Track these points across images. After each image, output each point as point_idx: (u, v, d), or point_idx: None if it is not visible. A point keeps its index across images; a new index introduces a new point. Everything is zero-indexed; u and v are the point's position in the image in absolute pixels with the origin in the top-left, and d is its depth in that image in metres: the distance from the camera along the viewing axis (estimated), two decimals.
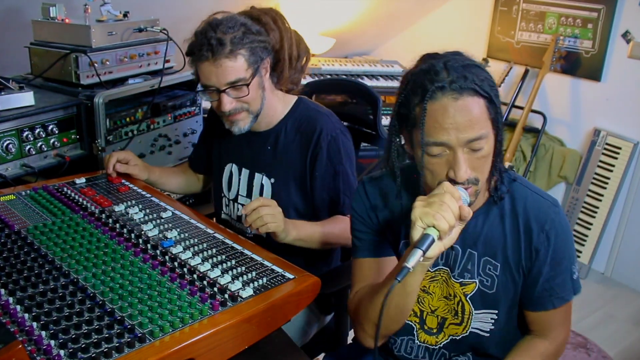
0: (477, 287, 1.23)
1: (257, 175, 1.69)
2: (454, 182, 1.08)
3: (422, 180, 1.14)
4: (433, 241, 1.01)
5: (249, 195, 1.72)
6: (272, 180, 1.67)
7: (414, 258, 0.99)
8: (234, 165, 1.75)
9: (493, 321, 1.25)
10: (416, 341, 1.32)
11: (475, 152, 1.08)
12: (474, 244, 1.22)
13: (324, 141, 1.59)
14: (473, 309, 1.24)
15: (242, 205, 1.73)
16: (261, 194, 1.68)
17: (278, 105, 1.65)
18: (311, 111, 1.65)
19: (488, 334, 1.27)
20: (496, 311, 1.24)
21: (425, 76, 1.08)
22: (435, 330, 1.30)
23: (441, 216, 1.00)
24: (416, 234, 1.02)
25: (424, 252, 1.00)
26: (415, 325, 1.31)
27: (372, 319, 1.19)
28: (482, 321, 1.25)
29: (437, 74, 1.06)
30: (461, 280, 1.23)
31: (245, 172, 1.72)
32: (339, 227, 1.57)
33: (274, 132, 1.66)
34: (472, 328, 1.26)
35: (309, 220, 1.59)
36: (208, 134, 1.87)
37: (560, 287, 1.22)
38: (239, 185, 1.74)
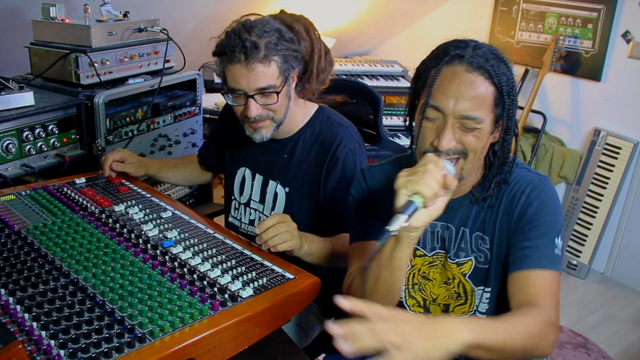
0: (473, 264, 1.25)
1: (272, 183, 1.66)
2: (437, 152, 1.11)
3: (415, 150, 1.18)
4: (417, 208, 1.02)
5: (262, 201, 1.69)
6: (287, 189, 1.64)
7: (397, 222, 1.01)
8: (247, 170, 1.72)
9: (487, 300, 1.26)
10: None
11: (466, 131, 1.11)
12: (465, 222, 1.24)
13: (341, 153, 1.55)
14: (474, 286, 1.26)
15: (255, 210, 1.72)
16: (275, 202, 1.66)
17: (298, 114, 1.62)
18: (332, 122, 1.62)
19: (484, 315, 1.27)
20: (489, 288, 1.25)
21: (453, 44, 1.14)
22: None
23: (425, 182, 1.01)
24: (400, 201, 1.03)
25: (409, 217, 1.01)
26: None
27: (362, 297, 1.20)
28: (482, 302, 1.27)
29: (465, 47, 1.13)
30: (457, 260, 1.26)
31: (259, 178, 1.70)
32: (346, 246, 1.48)
33: (292, 141, 1.63)
34: (476, 308, 1.28)
35: (319, 232, 1.55)
36: (221, 133, 1.83)
37: (538, 251, 1.15)
38: (251, 191, 1.72)
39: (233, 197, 1.77)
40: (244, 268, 1.29)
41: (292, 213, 1.43)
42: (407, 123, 1.25)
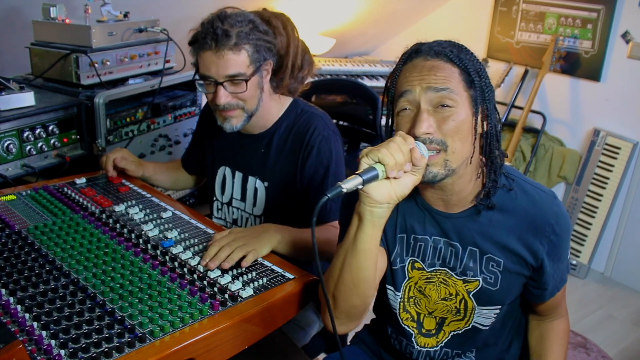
0: (480, 284, 1.22)
1: (251, 179, 1.67)
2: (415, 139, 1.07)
3: None
4: (377, 176, 1.00)
5: (243, 199, 1.70)
6: (266, 183, 1.64)
7: (351, 182, 0.98)
8: (227, 168, 1.73)
9: (495, 315, 1.25)
10: (416, 347, 1.31)
11: (441, 112, 1.06)
12: (474, 242, 1.20)
13: (315, 141, 1.56)
14: (476, 305, 1.24)
15: (237, 208, 1.72)
16: (255, 197, 1.66)
17: (273, 108, 1.63)
18: (305, 113, 1.63)
19: (487, 327, 1.27)
20: (500, 306, 1.24)
21: (413, 45, 1.13)
22: (434, 331, 1.29)
23: (387, 151, 0.99)
24: (361, 167, 1.01)
25: (364, 181, 0.99)
26: (413, 331, 1.30)
27: (330, 291, 1.16)
28: (485, 317, 1.25)
29: (423, 43, 1.12)
30: (464, 277, 1.22)
31: (238, 175, 1.70)
32: (323, 237, 1.45)
33: (267, 135, 1.64)
34: (474, 323, 1.26)
35: (300, 224, 1.53)
36: (201, 134, 1.85)
37: (562, 271, 1.26)
38: (232, 189, 1.72)
39: (215, 198, 1.77)
40: (243, 268, 1.29)
41: (272, 207, 1.42)
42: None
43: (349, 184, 0.98)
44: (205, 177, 1.99)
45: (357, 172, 1.00)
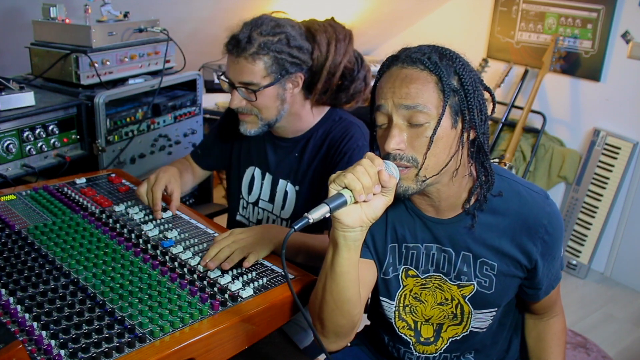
0: (475, 288, 1.21)
1: (282, 182, 1.65)
2: (388, 156, 1.05)
3: None
4: (345, 202, 0.98)
5: (271, 200, 1.68)
6: (297, 187, 1.62)
7: (318, 211, 0.96)
8: (256, 169, 1.71)
9: (492, 318, 1.25)
10: (415, 352, 1.31)
11: (414, 128, 1.04)
12: (467, 246, 1.19)
13: (349, 149, 1.54)
14: (472, 309, 1.23)
15: (263, 209, 1.70)
16: (284, 201, 1.65)
17: (309, 114, 1.60)
18: (343, 121, 1.61)
19: (484, 329, 1.27)
20: (496, 309, 1.24)
21: (399, 51, 1.11)
22: (432, 339, 1.28)
23: (353, 176, 0.98)
24: (329, 194, 1.00)
25: (331, 209, 0.97)
26: (410, 339, 1.29)
27: (316, 312, 1.16)
28: (482, 320, 1.25)
29: (404, 51, 1.10)
30: (458, 282, 1.21)
31: (268, 177, 1.68)
32: (326, 244, 1.41)
33: (303, 139, 1.62)
34: (471, 327, 1.26)
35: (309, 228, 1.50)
36: (225, 131, 1.81)
37: (557, 270, 1.26)
38: (260, 190, 1.70)
39: (241, 196, 1.75)
40: (244, 268, 1.29)
41: (301, 211, 1.40)
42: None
43: (315, 214, 0.96)
44: (216, 171, 1.95)
45: (324, 200, 0.98)
